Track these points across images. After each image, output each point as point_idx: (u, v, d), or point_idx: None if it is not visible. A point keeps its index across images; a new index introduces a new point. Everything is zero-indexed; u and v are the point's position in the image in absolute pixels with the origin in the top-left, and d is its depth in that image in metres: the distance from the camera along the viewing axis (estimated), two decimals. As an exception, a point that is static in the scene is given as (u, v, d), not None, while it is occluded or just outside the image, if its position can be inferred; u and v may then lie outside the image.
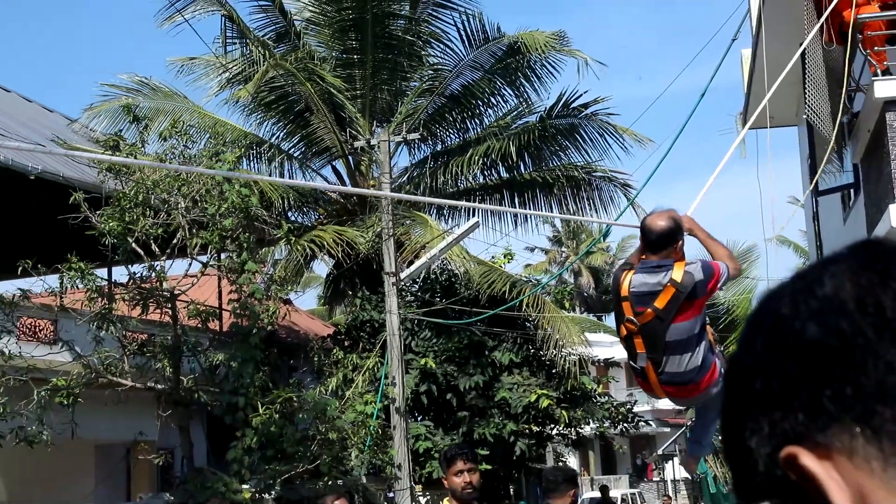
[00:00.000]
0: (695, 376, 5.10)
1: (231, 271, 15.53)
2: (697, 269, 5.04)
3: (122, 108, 18.99)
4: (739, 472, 0.82)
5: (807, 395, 0.76)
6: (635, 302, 5.03)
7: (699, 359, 5.07)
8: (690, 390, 5.19)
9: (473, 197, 22.56)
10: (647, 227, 5.15)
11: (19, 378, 14.32)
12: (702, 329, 5.12)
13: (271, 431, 14.68)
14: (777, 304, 0.82)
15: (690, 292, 4.97)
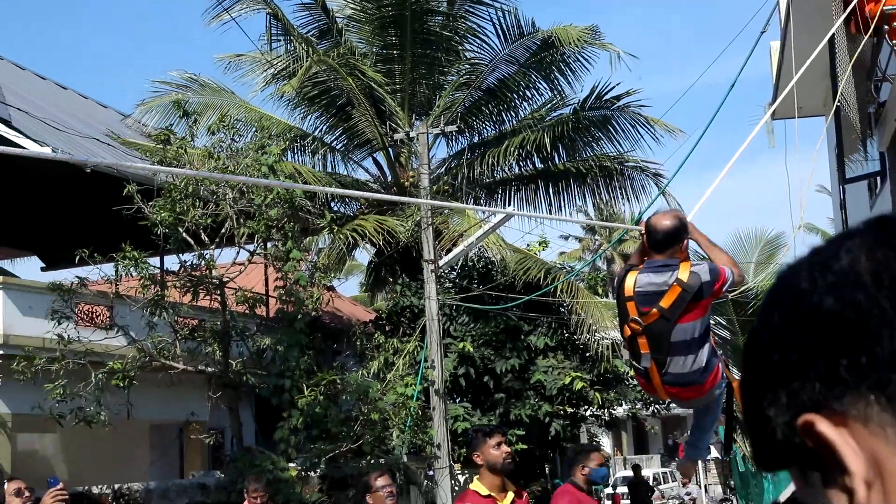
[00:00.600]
0: (699, 377, 4.94)
1: (277, 259, 15.61)
2: (704, 269, 4.89)
3: (173, 104, 19.14)
4: (759, 441, 0.84)
5: (824, 365, 0.78)
6: (640, 302, 4.86)
7: (703, 360, 4.91)
8: (695, 391, 5.03)
9: (509, 186, 22.53)
10: (652, 226, 4.99)
11: (78, 361, 14.50)
12: (706, 331, 4.96)
13: (316, 412, 14.76)
14: (795, 278, 0.83)
15: (696, 293, 4.81)
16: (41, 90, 20.16)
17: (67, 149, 15.67)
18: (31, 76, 21.21)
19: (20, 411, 15.32)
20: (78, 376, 14.50)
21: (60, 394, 14.18)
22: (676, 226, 4.94)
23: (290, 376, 14.88)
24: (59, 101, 20.08)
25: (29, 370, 14.23)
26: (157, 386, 15.52)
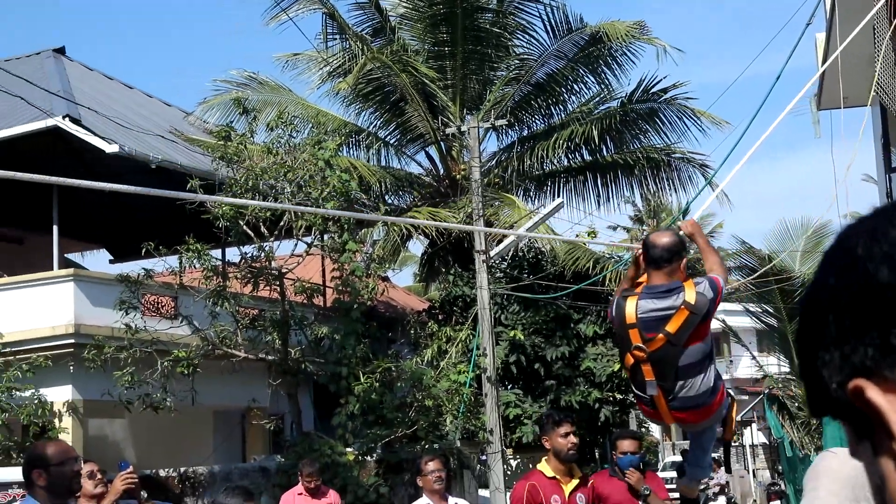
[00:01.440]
0: (707, 398, 4.61)
1: (333, 251, 15.66)
2: (707, 287, 4.56)
3: (233, 101, 19.24)
4: (812, 393, 0.83)
5: (877, 333, 0.77)
6: (644, 328, 4.49)
7: (711, 379, 4.60)
8: (703, 413, 4.69)
9: (558, 178, 22.41)
10: (650, 242, 4.69)
11: (145, 350, 14.67)
12: (712, 349, 4.66)
13: (372, 399, 14.80)
14: (853, 243, 0.82)
15: (710, 309, 4.53)
16: (109, 90, 20.40)
17: (133, 146, 15.83)
18: (100, 76, 21.47)
19: (91, 397, 15.53)
20: (145, 364, 14.66)
21: (128, 381, 14.36)
22: (676, 242, 4.65)
23: (347, 364, 14.93)
24: (126, 100, 20.30)
25: (99, 358, 14.43)
26: (220, 373, 15.65)
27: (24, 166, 18.68)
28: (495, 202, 19.92)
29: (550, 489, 6.10)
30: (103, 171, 19.00)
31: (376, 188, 20.13)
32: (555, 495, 6.08)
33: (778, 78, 10.57)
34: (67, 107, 16.09)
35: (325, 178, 14.85)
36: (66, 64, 19.77)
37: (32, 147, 17.11)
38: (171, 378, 14.69)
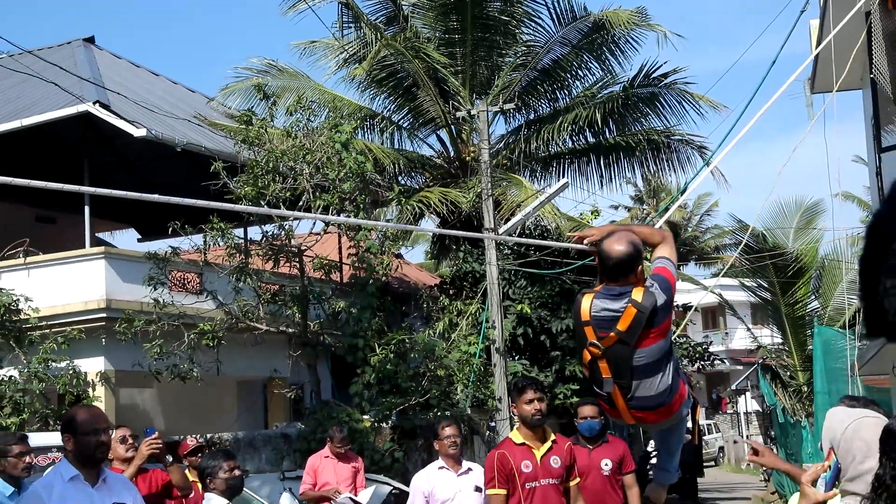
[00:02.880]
0: (667, 398, 4.28)
1: (350, 229, 15.67)
2: (658, 291, 4.20)
3: (254, 87, 19.19)
4: (870, 315, 0.83)
5: None
6: (597, 326, 4.24)
7: (669, 379, 4.25)
8: (662, 413, 4.36)
9: (563, 159, 22.35)
10: (605, 252, 4.31)
11: (172, 323, 14.73)
12: (671, 348, 4.31)
13: (387, 369, 14.84)
14: None
15: (652, 315, 4.16)
16: (136, 77, 20.38)
17: (160, 130, 15.83)
18: (128, 64, 21.45)
19: (122, 368, 15.61)
20: (172, 336, 14.73)
21: (157, 352, 14.43)
22: (630, 253, 4.23)
23: (363, 336, 14.97)
24: (152, 86, 20.29)
25: (129, 331, 14.49)
26: (243, 345, 15.71)
27: (58, 150, 18.83)
28: (503, 182, 19.88)
29: (521, 455, 6.09)
30: (131, 154, 19.05)
31: (390, 169, 20.10)
32: (525, 461, 6.07)
33: (773, 63, 10.51)
34: (97, 93, 16.09)
35: (341, 159, 14.85)
36: (95, 53, 19.76)
37: (65, 132, 17.13)
38: (198, 350, 14.76)
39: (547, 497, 6.00)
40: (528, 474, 6.02)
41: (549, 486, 5.98)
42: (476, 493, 7.10)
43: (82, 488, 4.68)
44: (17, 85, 18.23)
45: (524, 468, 6.03)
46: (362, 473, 10.04)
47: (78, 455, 4.72)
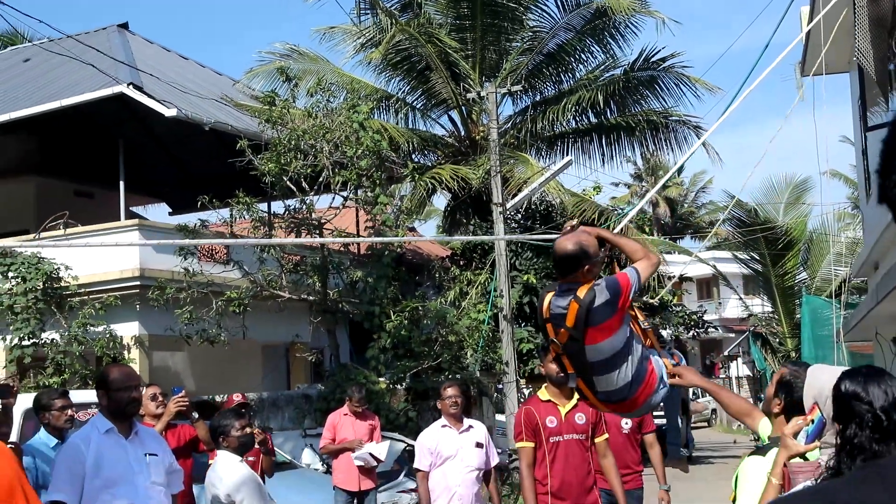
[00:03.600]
0: (628, 392, 4.09)
1: (367, 204, 15.67)
2: (602, 289, 3.98)
3: (277, 70, 19.15)
4: (883, 192, 0.86)
5: None
6: (554, 323, 4.08)
7: (629, 374, 4.05)
8: (628, 406, 4.19)
9: (567, 139, 22.25)
10: (554, 248, 4.16)
11: (201, 290, 14.79)
12: (627, 343, 4.05)
13: (401, 334, 14.88)
14: None
15: (599, 313, 3.95)
16: (167, 60, 20.34)
17: (189, 110, 15.82)
18: (159, 49, 21.40)
19: (155, 332, 15.69)
20: (202, 303, 14.79)
21: (187, 318, 14.50)
22: (576, 252, 4.03)
23: (379, 304, 15.00)
24: (182, 69, 20.25)
25: (161, 298, 14.56)
26: (267, 312, 15.77)
27: (94, 129, 18.85)
28: (510, 160, 19.80)
29: (546, 411, 6.09)
30: (162, 132, 19.07)
31: (404, 148, 20.05)
32: (550, 416, 6.07)
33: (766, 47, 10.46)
34: (131, 75, 16.07)
35: (359, 138, 14.83)
36: (129, 38, 19.72)
37: (101, 112, 17.15)
38: (225, 316, 14.82)
39: (570, 451, 6.01)
40: (552, 429, 6.03)
41: (573, 440, 5.98)
42: (477, 448, 7.14)
43: (116, 440, 4.72)
44: (56, 68, 18.24)
45: (549, 423, 6.04)
46: (378, 431, 10.08)
47: (111, 409, 4.76)
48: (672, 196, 50.07)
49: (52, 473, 4.92)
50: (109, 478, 4.59)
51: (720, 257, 31.71)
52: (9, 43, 24.63)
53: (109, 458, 4.62)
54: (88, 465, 4.57)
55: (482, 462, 7.15)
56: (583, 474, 6.02)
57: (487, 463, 7.23)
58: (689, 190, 51.22)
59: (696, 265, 31.04)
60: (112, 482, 4.59)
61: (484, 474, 7.26)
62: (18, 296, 14.26)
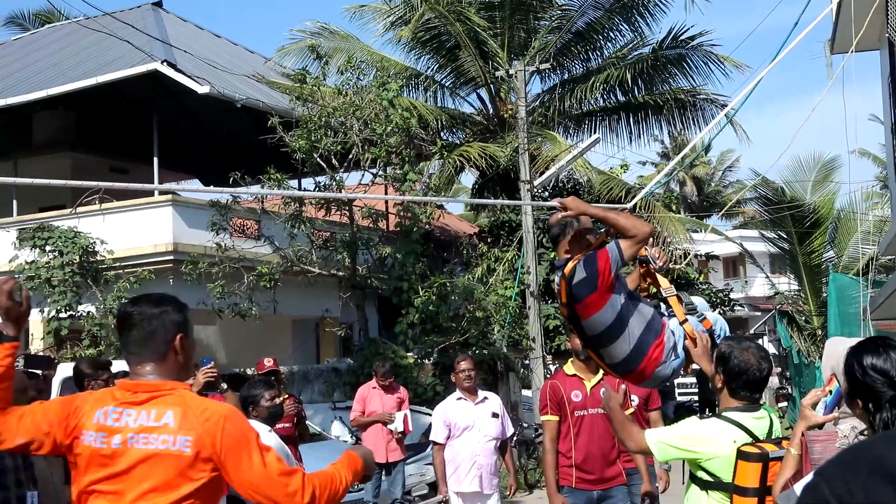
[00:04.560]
0: (630, 365, 4.07)
1: (395, 181, 15.67)
2: (581, 266, 3.98)
3: (308, 48, 19.17)
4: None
5: None
6: (559, 298, 4.14)
7: (628, 347, 4.01)
8: (636, 377, 4.15)
9: (594, 117, 22.11)
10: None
11: (233, 265, 14.89)
12: (620, 318, 3.99)
13: (429, 310, 14.92)
14: None
15: (580, 289, 3.95)
16: (200, 38, 20.41)
17: (222, 87, 15.87)
18: (192, 27, 21.47)
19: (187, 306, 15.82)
20: (233, 278, 14.90)
21: (220, 292, 14.62)
22: (554, 230, 4.17)
23: (408, 280, 15.05)
24: (214, 47, 20.31)
25: (194, 273, 14.68)
26: (298, 287, 15.86)
27: (129, 105, 18.94)
28: (538, 138, 19.72)
29: (571, 386, 6.10)
30: (195, 109, 19.15)
31: (433, 125, 19.99)
32: (575, 390, 6.08)
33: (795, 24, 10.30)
34: (165, 53, 16.14)
35: (388, 116, 14.82)
36: (163, 16, 19.79)
37: (135, 88, 17.24)
38: (256, 290, 14.92)
39: (595, 425, 6.01)
40: (577, 403, 6.04)
41: (597, 415, 5.96)
42: (493, 418, 7.23)
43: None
44: (92, 45, 18.35)
45: (574, 397, 6.04)
46: (406, 404, 10.15)
47: None
48: (699, 175, 49.69)
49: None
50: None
51: (747, 236, 31.45)
52: (46, 21, 24.81)
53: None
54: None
55: (499, 432, 7.30)
56: (607, 448, 6.02)
57: (504, 433, 7.35)
58: (716, 169, 50.76)
59: (722, 243, 30.81)
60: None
61: (500, 446, 7.34)
62: (56, 269, 14.44)
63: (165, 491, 2.71)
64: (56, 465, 5.24)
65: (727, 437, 3.67)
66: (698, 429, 3.78)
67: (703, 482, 3.76)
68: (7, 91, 17.33)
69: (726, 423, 3.71)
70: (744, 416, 3.72)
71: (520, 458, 13.59)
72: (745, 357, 3.73)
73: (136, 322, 2.87)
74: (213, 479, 2.78)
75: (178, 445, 2.72)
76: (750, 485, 3.56)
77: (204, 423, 2.74)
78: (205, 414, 2.76)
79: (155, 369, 2.84)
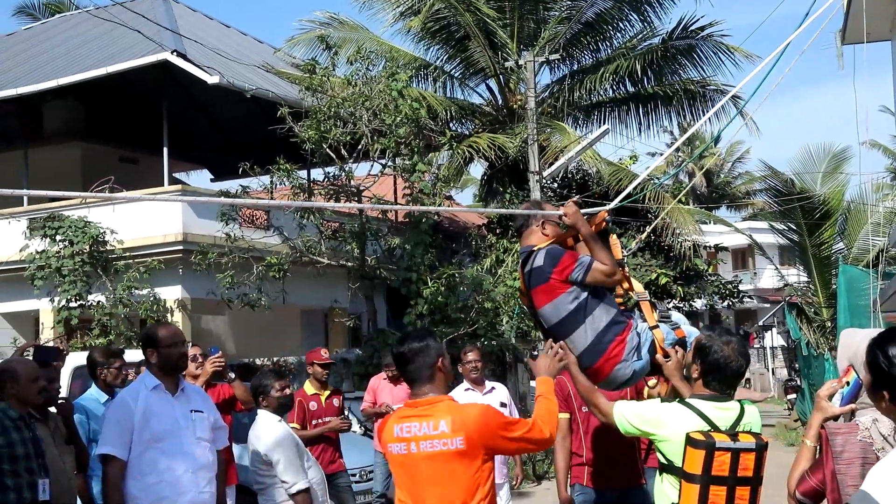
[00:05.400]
0: (589, 361, 4.09)
1: (405, 171, 15.65)
2: (542, 253, 4.13)
3: (317, 39, 19.11)
4: None
5: None
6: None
7: (584, 343, 4.07)
8: (592, 375, 4.13)
9: (604, 108, 22.05)
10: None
11: (242, 256, 14.91)
12: (576, 312, 4.05)
13: (438, 301, 14.90)
14: None
15: (534, 275, 4.10)
16: (209, 28, 20.40)
17: (231, 77, 15.87)
18: (202, 17, 21.46)
19: (197, 296, 15.87)
20: (242, 268, 14.92)
21: (229, 282, 14.63)
22: (520, 221, 4.40)
23: (416, 270, 15.02)
24: (224, 37, 20.30)
25: (204, 262, 14.70)
26: (307, 277, 15.86)
27: (139, 95, 18.95)
28: (547, 129, 19.67)
29: None
30: (205, 99, 19.16)
31: (442, 116, 19.95)
32: None
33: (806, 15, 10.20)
34: (174, 42, 16.14)
35: (397, 106, 14.78)
36: (172, 6, 19.79)
37: (145, 78, 17.25)
38: (265, 280, 14.94)
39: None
40: None
41: None
42: (502, 408, 7.21)
43: (164, 396, 4.80)
44: (102, 35, 18.37)
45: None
46: (418, 394, 10.13)
47: (161, 366, 4.83)
48: (709, 166, 49.55)
49: (101, 428, 5.01)
50: (156, 433, 4.67)
51: (756, 227, 31.36)
52: (56, 11, 24.83)
53: (157, 414, 4.71)
54: (137, 420, 4.65)
55: None
56: (623, 445, 5.80)
57: None
58: (725, 160, 50.58)
59: (731, 235, 30.73)
60: (159, 437, 4.67)
61: None
62: (66, 258, 14.49)
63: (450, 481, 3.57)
64: (67, 454, 5.27)
65: (682, 422, 3.67)
66: (655, 411, 3.79)
67: (661, 464, 3.80)
68: (17, 81, 17.36)
69: (685, 409, 3.71)
70: (706, 405, 3.70)
71: (527, 449, 13.58)
72: (726, 352, 3.71)
73: (408, 357, 3.77)
74: (487, 462, 3.61)
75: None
76: (695, 471, 3.57)
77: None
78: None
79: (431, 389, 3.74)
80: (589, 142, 16.65)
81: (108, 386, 6.32)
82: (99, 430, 5.23)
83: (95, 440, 5.61)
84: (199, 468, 4.73)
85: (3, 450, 4.55)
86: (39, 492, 4.62)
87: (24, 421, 4.77)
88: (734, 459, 3.55)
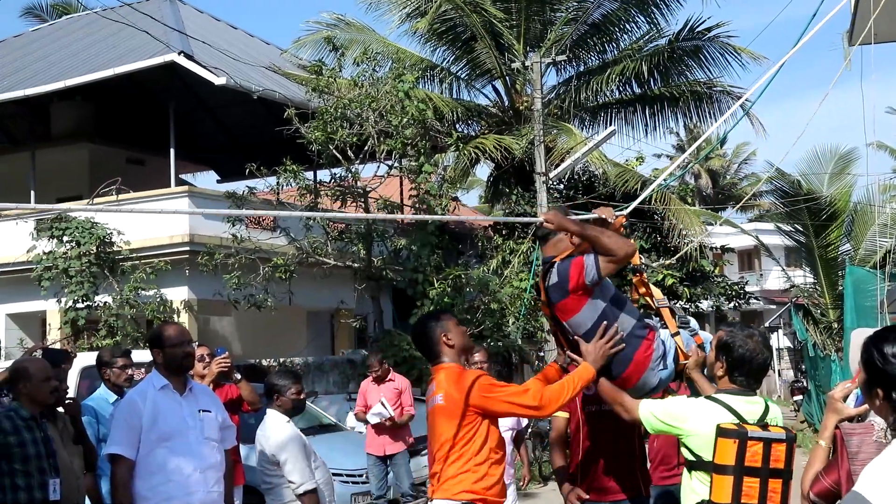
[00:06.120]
0: (618, 370, 4.16)
1: (411, 172, 15.65)
2: (555, 271, 4.12)
3: (324, 40, 19.15)
4: None
5: None
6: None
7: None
8: (621, 384, 4.18)
9: (610, 109, 22.03)
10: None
11: (249, 257, 14.93)
12: (600, 320, 4.09)
13: (444, 302, 14.90)
14: None
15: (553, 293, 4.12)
16: (216, 30, 20.43)
17: (238, 78, 15.89)
18: (209, 18, 21.50)
19: (204, 297, 15.90)
20: (249, 269, 14.94)
21: (235, 283, 14.66)
22: (541, 232, 4.35)
23: (423, 271, 15.03)
24: (231, 38, 20.33)
25: (210, 263, 14.73)
26: (313, 278, 15.88)
27: (146, 96, 19.00)
28: (554, 130, 19.67)
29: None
30: (212, 100, 19.19)
31: (449, 117, 19.97)
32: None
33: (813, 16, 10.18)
34: (182, 44, 16.18)
35: (404, 107, 14.79)
36: (179, 7, 19.83)
37: (152, 80, 17.29)
38: (271, 281, 14.96)
39: (605, 420, 5.70)
40: (588, 397, 5.81)
41: (609, 410, 5.80)
42: None
43: (172, 396, 4.81)
44: (109, 36, 18.42)
45: (585, 391, 5.86)
46: (408, 393, 10.11)
47: (168, 365, 4.84)
48: (715, 168, 49.47)
49: (109, 428, 5.03)
50: (164, 432, 4.68)
51: (762, 229, 31.31)
52: (64, 12, 24.91)
53: (165, 413, 4.72)
54: (145, 420, 4.66)
55: (514, 422, 7.37)
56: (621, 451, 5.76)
57: (518, 423, 7.35)
58: (731, 161, 50.52)
59: (738, 236, 30.67)
60: (167, 436, 4.68)
61: (515, 437, 7.34)
62: (73, 259, 14.52)
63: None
64: (76, 453, 5.29)
65: (710, 415, 3.67)
66: (682, 406, 3.80)
67: (688, 462, 3.78)
68: (25, 82, 17.41)
69: (713, 404, 3.71)
70: (734, 399, 3.71)
71: (534, 450, 13.59)
72: (750, 345, 3.74)
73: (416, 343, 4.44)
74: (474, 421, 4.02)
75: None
76: (727, 462, 3.55)
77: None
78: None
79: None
80: (595, 143, 16.64)
81: (115, 386, 6.35)
82: (108, 431, 5.25)
83: (104, 440, 5.63)
84: (207, 468, 4.75)
85: (15, 450, 4.58)
86: (50, 491, 4.65)
87: (36, 421, 4.79)
88: (766, 450, 3.55)
